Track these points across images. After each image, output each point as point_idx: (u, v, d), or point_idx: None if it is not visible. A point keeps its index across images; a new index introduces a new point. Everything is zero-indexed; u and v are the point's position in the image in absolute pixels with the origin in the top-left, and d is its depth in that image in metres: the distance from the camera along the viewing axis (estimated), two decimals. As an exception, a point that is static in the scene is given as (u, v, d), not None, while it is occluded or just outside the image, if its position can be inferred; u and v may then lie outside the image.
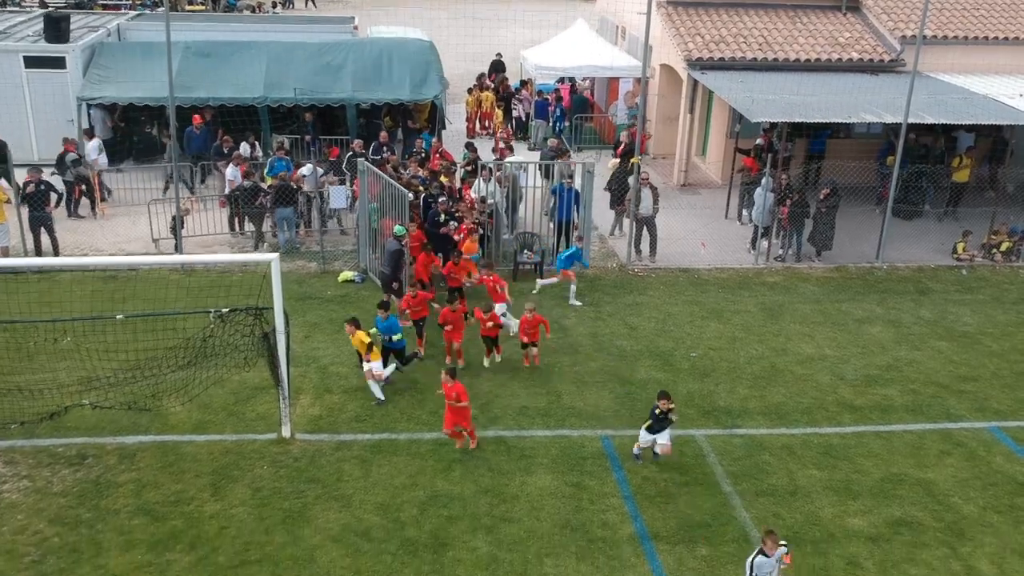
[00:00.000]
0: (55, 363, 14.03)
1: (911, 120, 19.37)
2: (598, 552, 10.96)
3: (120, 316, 12.50)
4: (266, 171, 20.65)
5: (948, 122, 20.48)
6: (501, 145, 22.88)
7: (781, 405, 14.43)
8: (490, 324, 15.04)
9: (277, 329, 12.35)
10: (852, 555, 11.07)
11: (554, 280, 18.04)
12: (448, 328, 14.78)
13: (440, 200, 18.27)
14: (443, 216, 18.05)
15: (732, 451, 13.13)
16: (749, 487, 12.32)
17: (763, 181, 19.59)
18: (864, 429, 13.86)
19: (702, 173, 25.86)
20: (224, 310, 12.27)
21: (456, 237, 17.81)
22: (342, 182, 20.35)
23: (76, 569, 10.36)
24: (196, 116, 22.65)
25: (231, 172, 20.29)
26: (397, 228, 16.41)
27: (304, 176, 20.48)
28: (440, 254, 17.65)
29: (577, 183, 19.00)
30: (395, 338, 14.37)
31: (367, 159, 19.17)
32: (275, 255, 12.17)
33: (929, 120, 19.82)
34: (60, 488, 11.79)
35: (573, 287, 17.84)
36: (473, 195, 19.21)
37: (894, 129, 20.29)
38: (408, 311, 15.17)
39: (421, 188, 18.83)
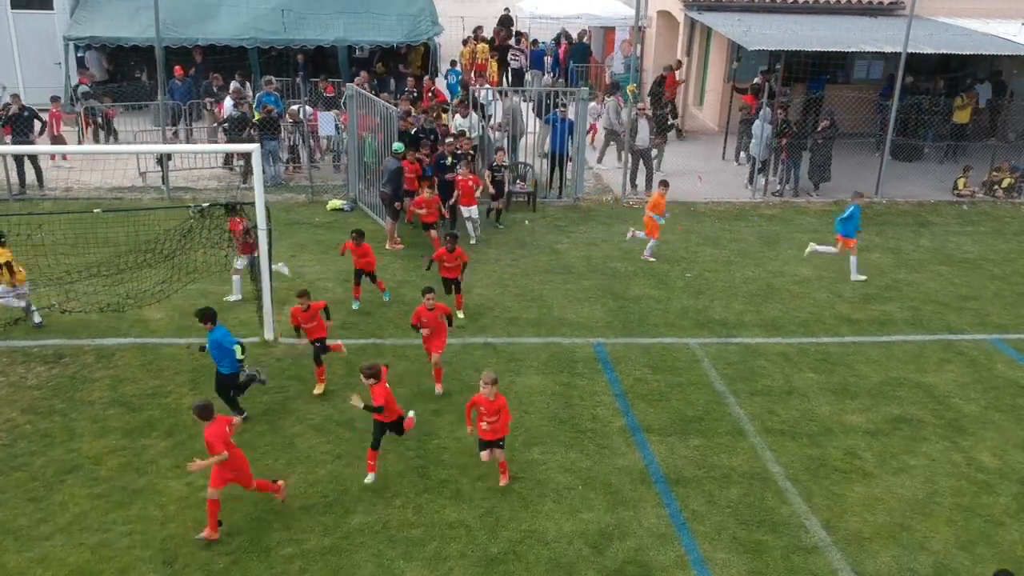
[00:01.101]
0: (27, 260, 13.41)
1: (910, 50, 18.98)
2: (587, 441, 10.62)
3: (98, 210, 12.12)
4: (254, 106, 20.28)
5: (948, 51, 20.09)
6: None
7: (777, 319, 14.08)
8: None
9: (259, 225, 12.00)
10: (850, 447, 10.73)
11: (833, 250, 15.64)
12: (425, 333, 11.46)
13: (447, 141, 17.15)
14: (450, 159, 16.66)
15: (727, 357, 12.79)
16: (743, 387, 11.98)
17: (761, 112, 19.23)
18: (862, 339, 13.52)
19: (699, 122, 25.51)
20: (204, 205, 11.93)
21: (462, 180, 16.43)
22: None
23: (48, 452, 10.02)
24: (178, 67, 22.12)
25: (228, 104, 19.86)
26: (396, 145, 16.04)
27: (296, 112, 20.12)
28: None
29: (571, 114, 18.65)
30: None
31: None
32: (256, 145, 11.81)
33: (928, 50, 19.44)
34: (34, 383, 11.45)
35: (854, 260, 15.42)
36: (454, 127, 18.67)
37: (893, 73, 19.91)
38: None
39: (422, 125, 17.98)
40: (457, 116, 19.02)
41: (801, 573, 8.64)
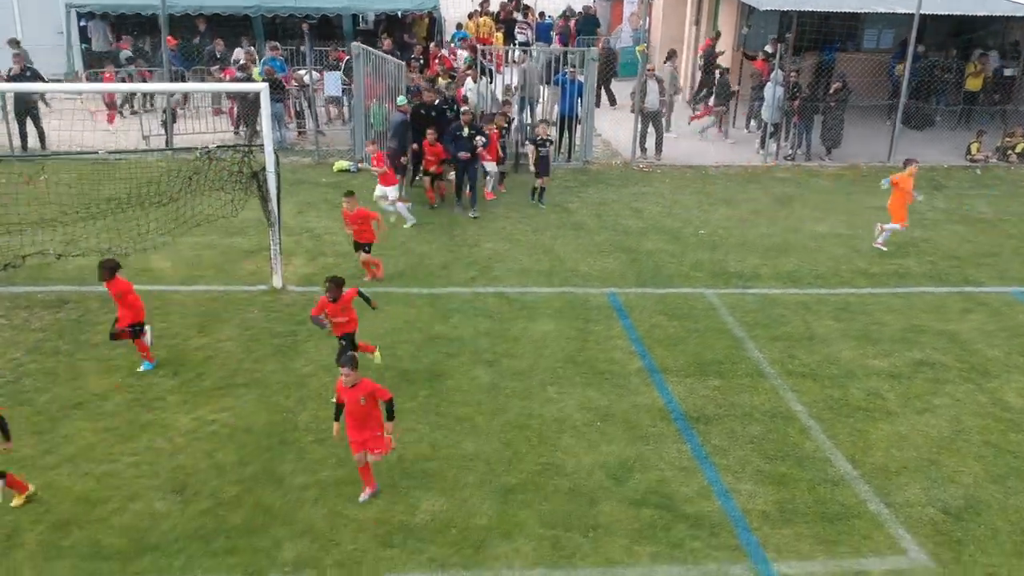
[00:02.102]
0: (28, 206, 13.07)
1: (924, 11, 18.70)
2: (604, 382, 10.37)
3: (102, 151, 11.86)
4: (257, 71, 20.00)
5: (961, 12, 19.82)
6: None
7: (794, 271, 13.83)
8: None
9: (267, 168, 11.75)
10: (873, 388, 10.48)
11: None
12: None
13: (463, 111, 15.78)
14: (466, 130, 15.34)
15: (744, 305, 12.54)
16: (763, 333, 11.73)
17: (772, 75, 18.95)
18: (881, 291, 13.27)
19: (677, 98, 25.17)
20: (212, 147, 11.68)
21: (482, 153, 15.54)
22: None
23: (52, 389, 9.77)
24: (170, 38, 21.70)
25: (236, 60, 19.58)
26: (400, 98, 15.78)
27: (300, 77, 19.87)
28: (467, 175, 15.61)
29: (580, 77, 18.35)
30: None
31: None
32: (264, 84, 11.56)
33: (942, 11, 19.17)
34: (38, 326, 11.20)
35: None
36: (467, 94, 18.43)
37: (906, 38, 19.63)
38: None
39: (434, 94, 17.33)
40: (468, 80, 18.75)
41: (829, 504, 8.39)
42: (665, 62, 20.58)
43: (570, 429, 9.41)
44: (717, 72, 20.79)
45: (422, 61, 21.32)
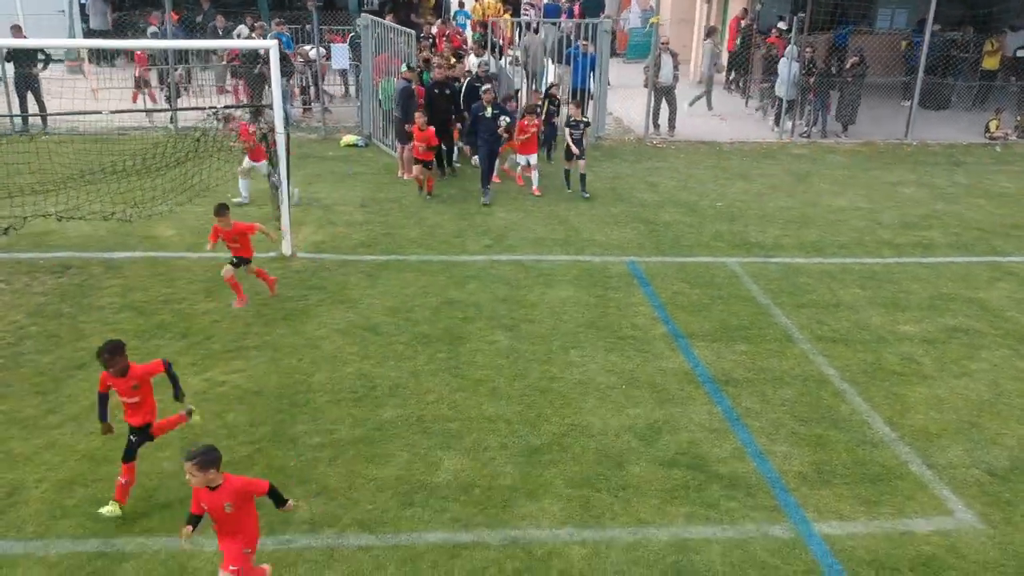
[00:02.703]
0: (31, 175, 12.69)
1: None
2: (628, 347, 9.99)
3: (107, 112, 11.49)
4: (265, 45, 19.60)
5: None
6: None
7: (817, 242, 13.46)
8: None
9: (276, 129, 11.37)
10: (906, 352, 10.10)
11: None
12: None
13: (485, 90, 14.67)
14: (489, 109, 14.43)
15: (767, 274, 12.17)
16: (788, 300, 11.35)
17: (787, 50, 18.58)
18: (907, 260, 12.90)
19: (718, 76, 24.82)
20: (220, 108, 11.29)
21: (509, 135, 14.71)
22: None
23: (55, 351, 9.38)
24: (152, 18, 21.29)
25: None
26: (404, 67, 15.41)
27: (306, 52, 19.49)
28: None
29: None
30: None
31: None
32: (274, 42, 11.17)
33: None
34: (40, 290, 10.81)
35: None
36: (469, 66, 18.00)
37: (923, 18, 19.28)
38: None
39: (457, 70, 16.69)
40: (471, 55, 18.40)
41: (869, 465, 8.01)
42: (705, 39, 20.23)
43: (594, 392, 9.03)
44: (761, 47, 20.40)
45: (431, 40, 20.93)
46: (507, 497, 7.37)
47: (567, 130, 14.86)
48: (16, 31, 17.53)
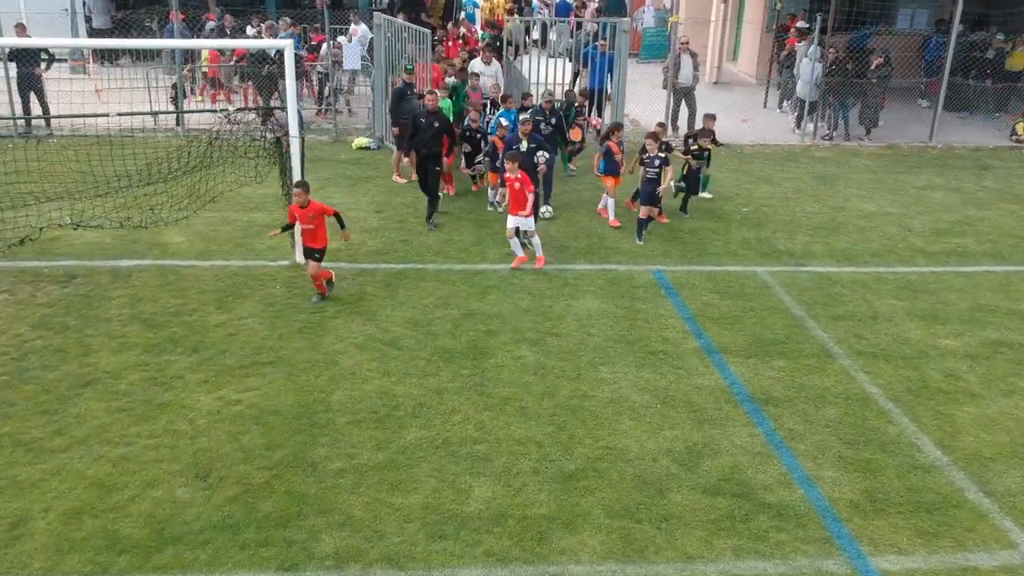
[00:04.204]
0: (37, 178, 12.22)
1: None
2: (660, 363, 9.54)
3: (113, 113, 11.05)
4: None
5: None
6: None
7: (848, 249, 13.01)
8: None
9: (291, 133, 10.93)
10: (950, 369, 9.65)
11: None
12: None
13: (523, 121, 13.22)
14: (525, 143, 12.89)
15: (799, 284, 11.71)
16: (823, 312, 10.90)
17: (809, 50, 18.11)
18: (942, 269, 12.44)
19: (734, 75, 24.41)
20: (232, 108, 10.84)
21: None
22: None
23: (61, 367, 8.94)
24: (209, 15, 20.95)
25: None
26: (407, 66, 14.96)
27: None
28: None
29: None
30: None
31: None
32: (289, 41, 10.73)
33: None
34: (45, 301, 10.38)
35: None
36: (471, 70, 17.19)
37: (943, 18, 18.81)
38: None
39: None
40: (476, 61, 17.41)
41: (923, 492, 7.56)
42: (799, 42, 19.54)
43: (628, 412, 8.58)
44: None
45: (450, 43, 20.45)
46: (543, 528, 6.93)
47: (642, 168, 12.97)
48: (20, 30, 17.07)
